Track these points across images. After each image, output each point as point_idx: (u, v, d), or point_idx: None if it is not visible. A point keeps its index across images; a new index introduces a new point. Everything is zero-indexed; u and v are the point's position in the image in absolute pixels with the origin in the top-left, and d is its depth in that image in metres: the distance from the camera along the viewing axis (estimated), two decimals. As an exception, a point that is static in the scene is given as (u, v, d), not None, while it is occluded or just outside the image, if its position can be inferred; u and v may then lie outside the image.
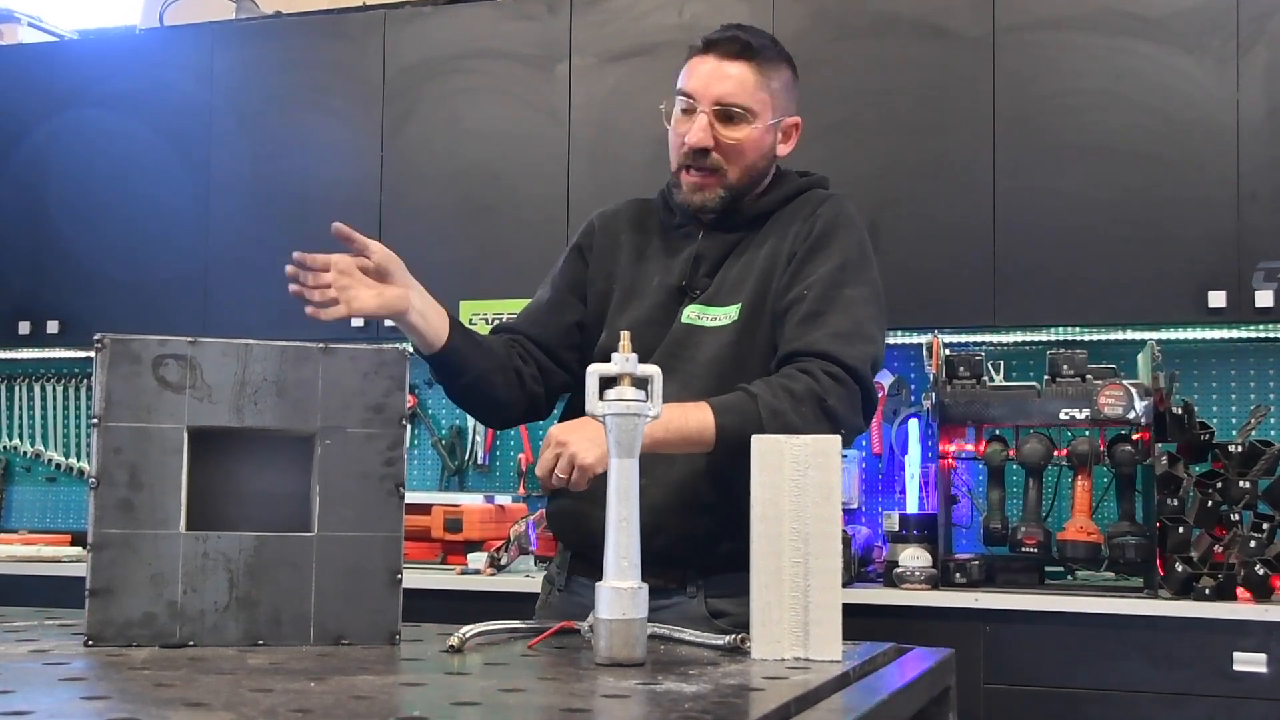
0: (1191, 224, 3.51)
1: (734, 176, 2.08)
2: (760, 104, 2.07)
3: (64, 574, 3.97)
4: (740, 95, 2.05)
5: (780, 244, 2.08)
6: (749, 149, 2.07)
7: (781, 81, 2.11)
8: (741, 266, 2.09)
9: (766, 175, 2.13)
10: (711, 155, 2.06)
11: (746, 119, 2.05)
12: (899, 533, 3.50)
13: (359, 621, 1.76)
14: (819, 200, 2.12)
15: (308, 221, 4.21)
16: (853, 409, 1.96)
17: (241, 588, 1.73)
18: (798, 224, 2.08)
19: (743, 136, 2.06)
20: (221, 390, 1.75)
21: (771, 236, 2.10)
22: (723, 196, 2.09)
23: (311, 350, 1.79)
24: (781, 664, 1.57)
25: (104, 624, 1.68)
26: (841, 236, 2.06)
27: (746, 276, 2.07)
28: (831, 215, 2.08)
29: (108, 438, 1.71)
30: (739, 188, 2.09)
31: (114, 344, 1.72)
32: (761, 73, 2.07)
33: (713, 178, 2.08)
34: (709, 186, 2.08)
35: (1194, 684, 3.11)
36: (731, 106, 2.05)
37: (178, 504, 1.72)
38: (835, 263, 2.02)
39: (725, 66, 2.07)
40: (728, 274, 2.09)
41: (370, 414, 1.79)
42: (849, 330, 1.98)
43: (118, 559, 1.69)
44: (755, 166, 2.09)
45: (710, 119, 2.05)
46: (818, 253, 2.04)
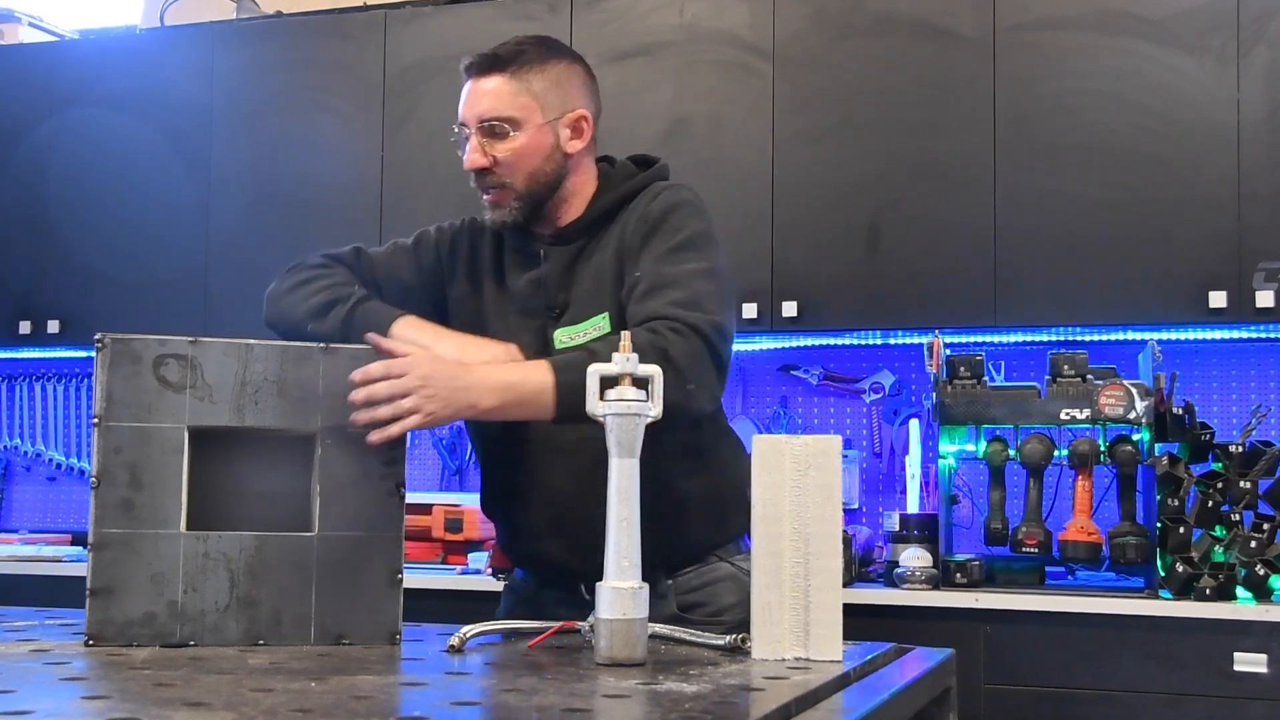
0: (1192, 224, 3.51)
1: (521, 185, 2.06)
2: (523, 109, 2.05)
3: (64, 574, 3.97)
4: (498, 108, 2.04)
5: (620, 242, 2.06)
6: (525, 156, 2.05)
7: (548, 81, 2.07)
8: (594, 275, 2.07)
9: (560, 176, 2.09)
10: (492, 173, 2.06)
11: (511, 129, 2.04)
12: (899, 533, 3.50)
13: (359, 621, 1.76)
14: (657, 191, 2.10)
15: (308, 221, 4.21)
16: (698, 363, 1.89)
17: (242, 587, 1.73)
18: (634, 219, 2.06)
19: (514, 147, 2.05)
20: (222, 390, 1.75)
21: (614, 237, 2.08)
22: (517, 208, 2.07)
23: (312, 350, 1.79)
24: (782, 664, 1.57)
25: (104, 623, 1.68)
26: (675, 219, 2.03)
27: (601, 284, 2.05)
28: (666, 202, 2.06)
29: (108, 437, 1.71)
30: (531, 194, 2.07)
31: (114, 343, 1.72)
32: (517, 79, 2.05)
33: (503, 193, 2.07)
34: (503, 202, 2.07)
35: (1194, 684, 3.11)
36: (492, 121, 2.04)
37: (178, 504, 1.72)
38: (671, 243, 2.00)
39: (481, 85, 2.06)
40: (583, 285, 2.07)
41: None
42: (687, 299, 1.93)
43: (118, 559, 1.70)
44: (541, 170, 2.07)
45: (479, 140, 2.05)
46: (652, 237, 2.02)
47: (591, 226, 2.11)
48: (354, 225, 4.17)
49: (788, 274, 3.78)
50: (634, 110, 3.96)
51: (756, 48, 3.87)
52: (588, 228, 2.11)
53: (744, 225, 3.82)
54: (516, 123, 2.05)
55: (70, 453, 4.79)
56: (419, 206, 4.12)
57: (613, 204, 2.11)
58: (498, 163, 2.06)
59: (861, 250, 3.74)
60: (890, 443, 4.05)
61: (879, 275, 3.73)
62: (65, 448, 4.79)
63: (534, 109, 2.06)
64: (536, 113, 2.06)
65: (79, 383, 4.80)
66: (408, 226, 4.06)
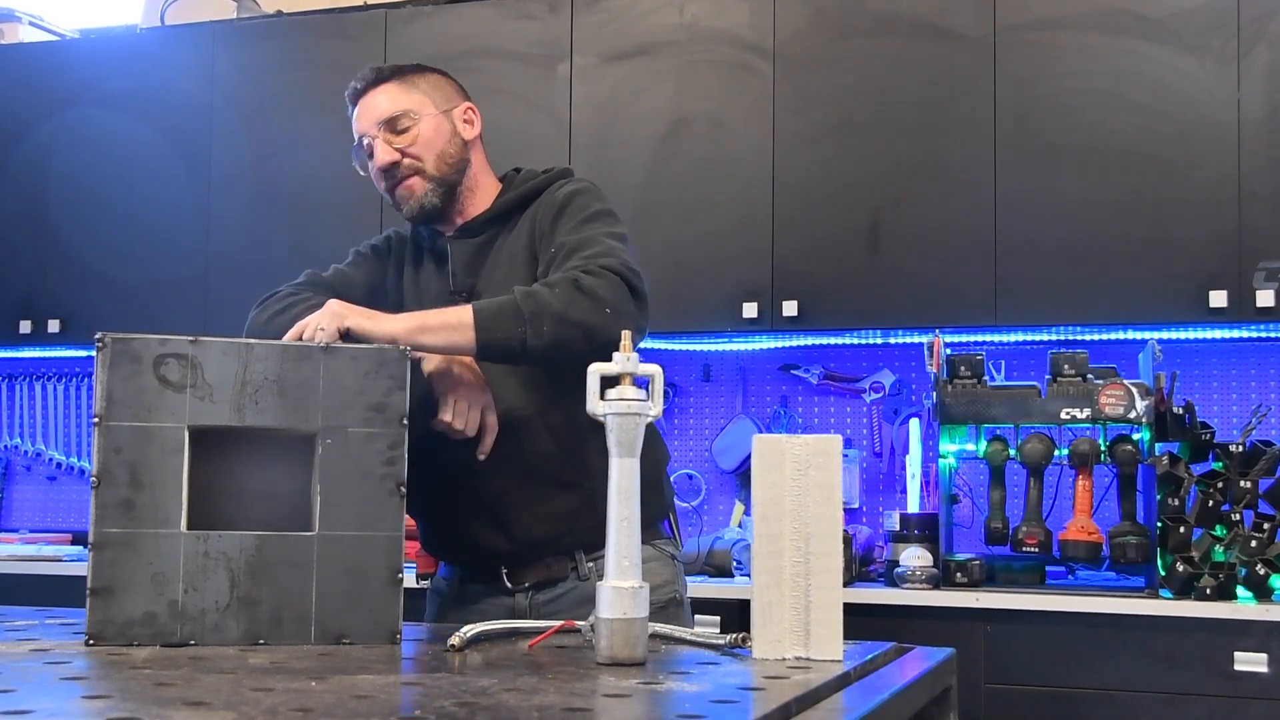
0: (1192, 224, 3.51)
1: (432, 167, 2.20)
2: (417, 103, 2.21)
3: (64, 573, 3.97)
4: (394, 106, 2.20)
5: (532, 229, 2.18)
6: (429, 140, 2.20)
7: (428, 83, 2.24)
8: (504, 264, 2.19)
9: (463, 160, 2.24)
10: (403, 163, 2.20)
11: (409, 119, 2.19)
12: (900, 532, 3.50)
13: (360, 621, 1.76)
14: (561, 184, 2.23)
15: (309, 221, 4.21)
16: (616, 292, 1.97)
17: (242, 587, 1.73)
18: (541, 210, 2.19)
19: (417, 134, 2.19)
20: (222, 389, 1.75)
21: (524, 229, 2.20)
22: (433, 189, 2.21)
23: (312, 350, 1.79)
24: (782, 663, 1.57)
25: (105, 623, 1.68)
26: (581, 200, 2.16)
27: (514, 270, 2.16)
28: (572, 188, 2.19)
29: (109, 437, 1.71)
30: (443, 177, 2.21)
31: (115, 343, 1.72)
32: (402, 84, 2.22)
33: (416, 180, 2.20)
34: (417, 188, 2.21)
35: (1195, 684, 3.11)
36: (393, 117, 2.19)
37: (179, 503, 1.72)
38: (580, 217, 2.13)
39: (372, 96, 2.22)
40: (492, 274, 2.19)
41: (371, 413, 1.79)
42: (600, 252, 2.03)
43: (119, 558, 1.69)
44: (447, 153, 2.21)
45: (383, 139, 2.19)
46: (560, 218, 2.15)
47: (497, 219, 2.24)
48: (354, 224, 4.17)
49: (788, 273, 3.78)
50: (634, 110, 3.96)
51: (757, 47, 3.87)
52: (493, 220, 2.24)
53: (744, 225, 3.83)
54: (414, 114, 2.20)
55: (70, 452, 4.79)
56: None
57: (518, 199, 2.25)
58: (405, 153, 2.20)
59: (862, 250, 3.74)
60: (890, 442, 4.05)
61: (879, 275, 3.73)
62: (65, 447, 4.80)
63: (426, 102, 2.22)
64: (427, 104, 2.22)
65: (79, 382, 4.80)
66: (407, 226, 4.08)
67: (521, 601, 2.14)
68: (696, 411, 4.27)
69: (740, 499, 4.15)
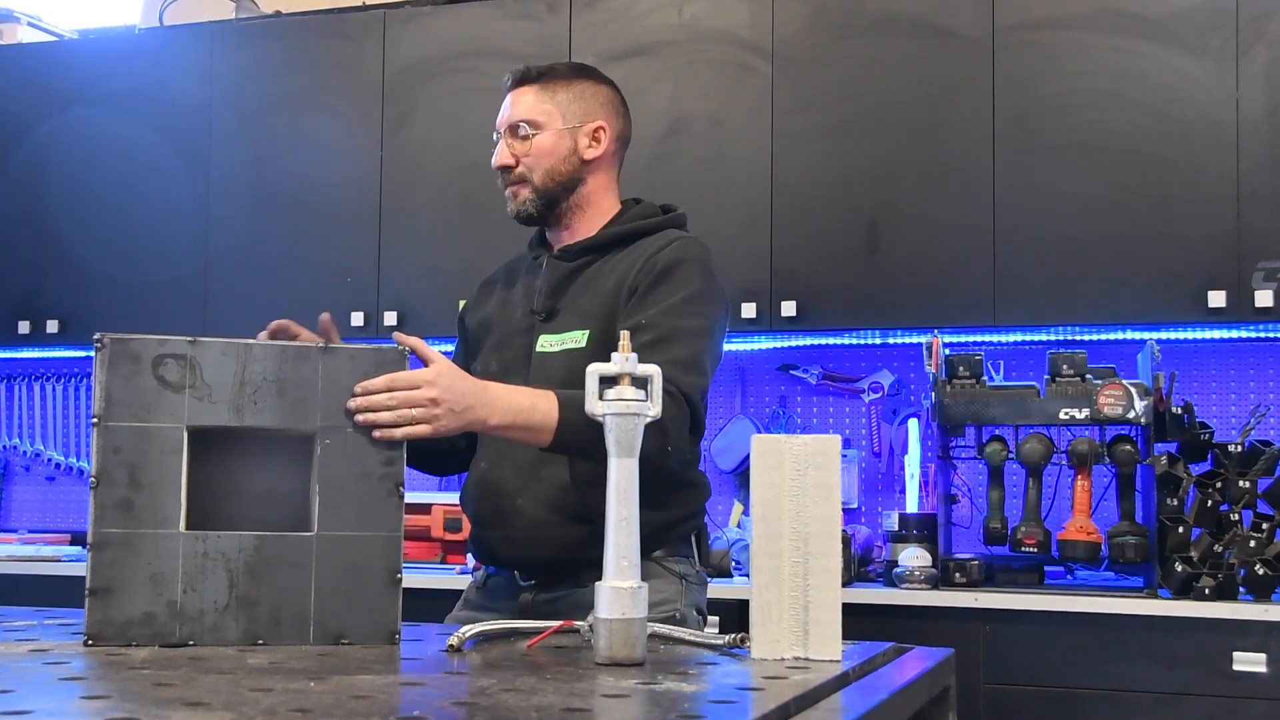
0: (1191, 224, 3.51)
1: (539, 180, 2.27)
2: (545, 115, 2.27)
3: (63, 573, 3.97)
4: (524, 113, 2.27)
5: (625, 276, 2.21)
6: (543, 154, 2.26)
7: (571, 93, 2.30)
8: (589, 295, 2.23)
9: (575, 179, 2.29)
10: (515, 170, 2.27)
11: (532, 130, 2.26)
12: (899, 532, 3.50)
13: (359, 621, 1.76)
14: (670, 239, 2.26)
15: (308, 221, 4.21)
16: (682, 430, 2.09)
17: (241, 587, 1.73)
18: (644, 259, 2.21)
19: (532, 145, 2.26)
20: (221, 390, 1.75)
21: (619, 268, 2.24)
22: (533, 199, 2.27)
23: (311, 350, 1.79)
24: (781, 663, 1.57)
25: (104, 623, 1.68)
26: (684, 272, 2.18)
27: (594, 304, 2.22)
28: (677, 253, 2.21)
29: (107, 437, 1.71)
30: (546, 191, 2.27)
31: (113, 343, 1.72)
32: (544, 89, 2.28)
33: (521, 187, 2.27)
34: (519, 195, 2.28)
35: (1194, 684, 3.11)
36: (518, 124, 2.27)
37: (177, 503, 1.72)
38: (679, 296, 2.15)
39: (513, 96, 2.30)
40: (575, 300, 2.25)
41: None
42: (687, 359, 2.11)
43: (117, 559, 1.69)
44: (558, 170, 2.27)
45: (506, 141, 2.28)
46: (660, 285, 2.17)
47: (598, 249, 2.29)
48: (353, 225, 4.18)
49: (787, 273, 3.78)
50: (633, 110, 3.93)
51: (756, 47, 3.87)
52: (594, 249, 2.29)
53: (743, 225, 3.83)
54: (537, 125, 2.26)
55: (69, 452, 4.79)
56: (418, 206, 4.13)
57: (623, 234, 2.29)
58: (519, 160, 2.27)
59: (861, 250, 3.74)
60: (889, 442, 4.05)
61: (878, 275, 3.73)
62: (64, 448, 4.79)
63: (555, 115, 2.28)
64: (557, 118, 2.28)
65: (78, 383, 4.80)
66: (407, 226, 4.09)
67: (527, 599, 2.23)
68: (695, 411, 4.27)
69: (739, 499, 4.15)
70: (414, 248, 4.10)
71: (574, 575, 2.18)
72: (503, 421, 1.96)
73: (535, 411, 1.99)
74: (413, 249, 4.10)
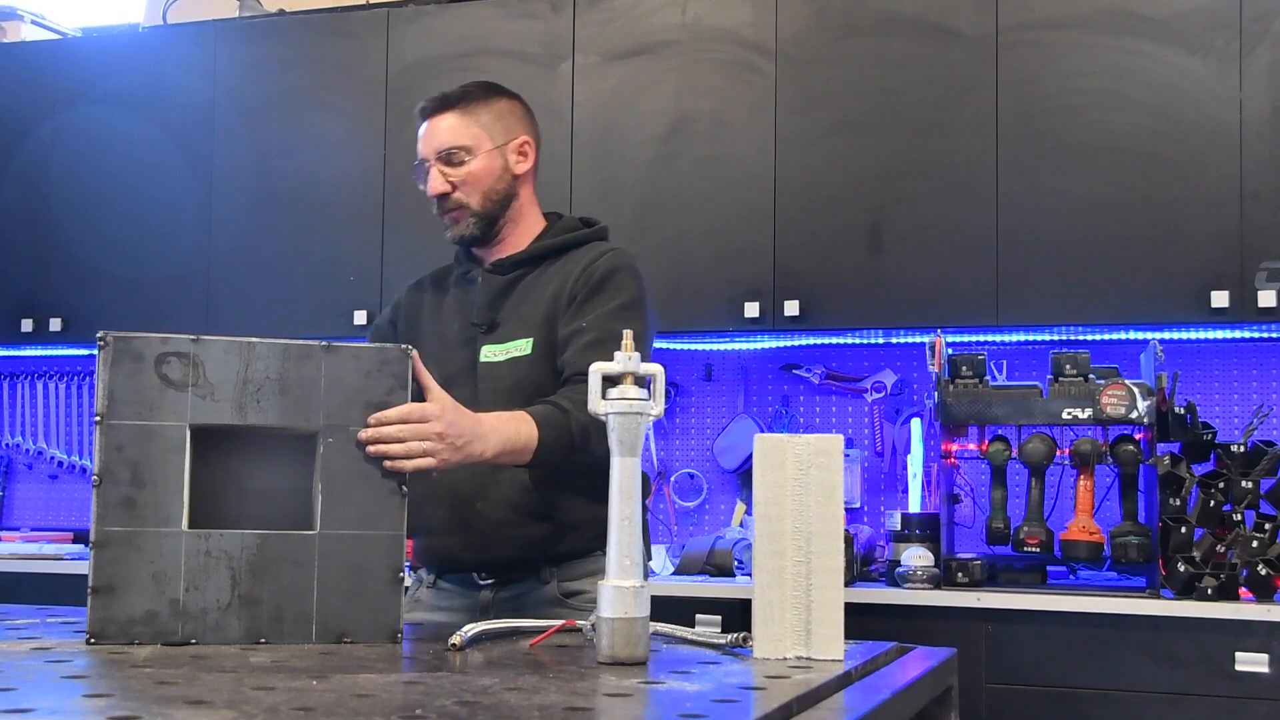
0: (1194, 224, 3.51)
1: (477, 204, 2.33)
2: (473, 138, 2.32)
3: (65, 571, 3.97)
4: (453, 139, 2.31)
5: (563, 286, 2.29)
6: (478, 177, 2.32)
7: (492, 113, 2.35)
8: (529, 304, 2.31)
9: (510, 195, 2.35)
10: (452, 196, 2.32)
11: (465, 155, 2.31)
12: (901, 532, 3.50)
13: (361, 619, 1.76)
14: (601, 251, 2.34)
15: (311, 219, 4.22)
16: None
17: (244, 586, 1.73)
18: (579, 270, 2.29)
19: (468, 170, 2.31)
20: (224, 388, 1.75)
21: (555, 279, 2.31)
22: (474, 223, 2.33)
23: (314, 348, 1.79)
24: (783, 663, 1.57)
25: (106, 621, 1.68)
26: (620, 280, 2.28)
27: (534, 313, 2.29)
28: (612, 262, 2.30)
29: (110, 435, 1.71)
30: (486, 212, 2.34)
31: (116, 341, 1.72)
32: (466, 114, 2.33)
33: (460, 212, 2.33)
34: (460, 220, 2.34)
35: (1196, 684, 3.11)
36: (449, 150, 2.31)
37: (180, 502, 1.72)
38: (616, 302, 2.25)
39: (434, 123, 2.33)
40: (515, 311, 2.32)
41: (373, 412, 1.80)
42: None
43: (120, 557, 1.70)
44: (494, 190, 2.34)
45: (438, 169, 2.32)
46: (598, 293, 2.26)
47: (528, 262, 2.36)
48: (356, 223, 4.18)
49: (790, 273, 3.78)
50: (636, 109, 3.96)
51: (759, 47, 3.87)
52: (525, 263, 2.36)
53: (746, 224, 3.83)
54: (469, 150, 2.31)
55: (72, 451, 4.79)
56: (421, 204, 4.08)
57: (555, 247, 2.37)
58: (455, 187, 2.32)
59: (864, 249, 3.74)
60: (892, 442, 4.05)
61: (881, 274, 3.73)
62: (67, 446, 4.80)
63: (483, 137, 2.33)
64: (485, 140, 2.33)
65: (81, 381, 4.80)
66: (410, 224, 4.09)
67: (486, 596, 2.27)
68: (698, 411, 4.27)
69: (742, 498, 4.15)
70: (417, 246, 4.10)
71: (535, 572, 2.26)
72: (496, 452, 2.01)
73: (520, 436, 2.05)
74: (416, 248, 4.10)
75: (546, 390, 2.21)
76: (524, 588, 2.26)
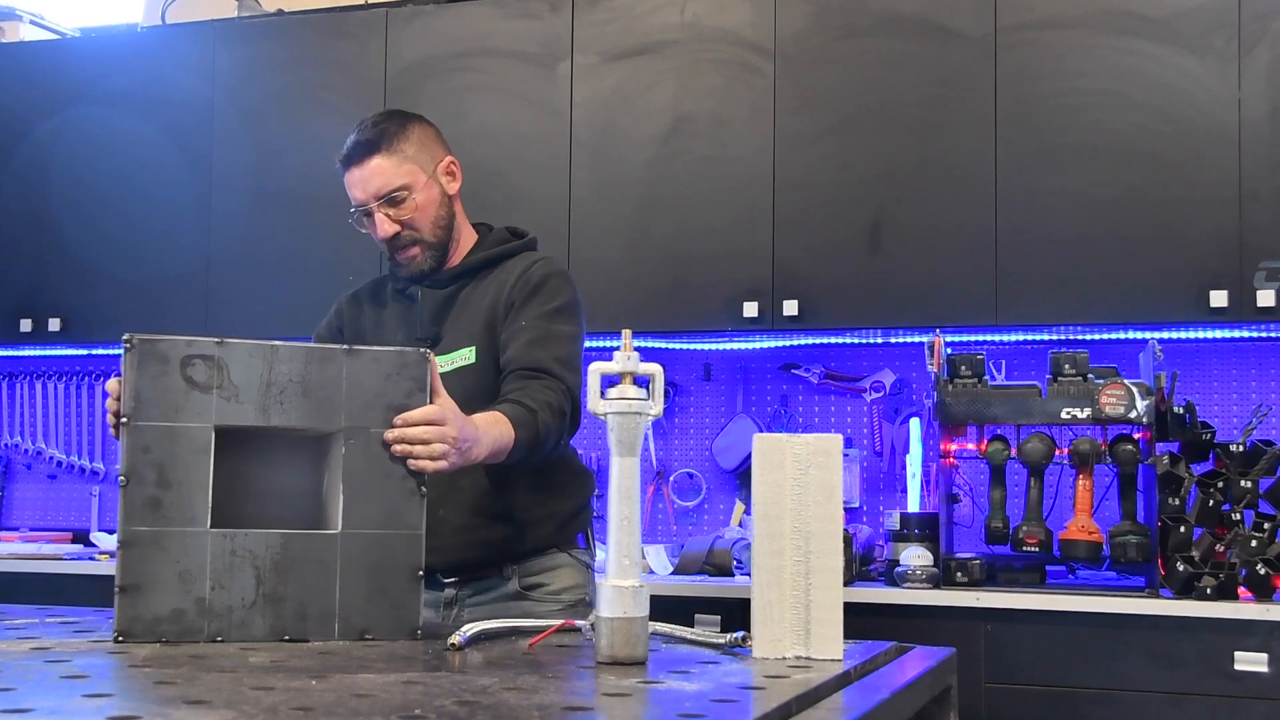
0: (1193, 223, 3.51)
1: (429, 235, 2.39)
2: (408, 174, 2.36)
3: (64, 571, 3.97)
4: (390, 181, 2.35)
5: (499, 294, 2.38)
6: (425, 210, 2.38)
7: (414, 144, 2.39)
8: (469, 315, 2.39)
9: (454, 216, 2.43)
10: (402, 235, 2.37)
11: (405, 193, 2.35)
12: (900, 532, 3.50)
13: (382, 616, 1.81)
14: (534, 259, 2.44)
15: (310, 219, 4.21)
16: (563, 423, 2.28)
17: (268, 584, 1.76)
18: (514, 279, 2.38)
19: (414, 207, 2.36)
20: (248, 390, 1.79)
21: (491, 289, 2.40)
22: (432, 254, 2.40)
23: (335, 352, 1.84)
24: (782, 662, 1.57)
25: (134, 620, 1.71)
26: (553, 285, 2.37)
27: (474, 323, 2.37)
28: (545, 269, 2.40)
29: (136, 437, 1.74)
30: (439, 241, 2.41)
31: (142, 344, 1.75)
32: (393, 152, 2.36)
33: (415, 249, 2.39)
34: (417, 257, 2.39)
35: (1195, 684, 3.11)
36: (390, 194, 2.35)
37: (205, 502, 1.75)
38: (552, 305, 2.35)
39: (365, 168, 2.37)
40: (455, 323, 2.39)
41: (393, 414, 1.84)
42: (565, 358, 2.31)
43: (146, 556, 1.72)
44: (440, 217, 2.40)
45: (381, 212, 2.36)
46: (534, 297, 2.35)
47: (467, 274, 2.43)
48: (355, 224, 4.17)
49: (789, 273, 3.78)
50: (635, 109, 3.96)
51: (758, 47, 3.87)
52: (461, 275, 2.43)
53: (745, 224, 3.83)
54: (408, 187, 2.36)
55: (71, 451, 4.79)
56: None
57: (489, 259, 2.44)
58: (405, 225, 2.37)
59: (863, 249, 3.74)
60: (891, 442, 4.05)
61: (880, 274, 3.73)
62: (66, 446, 4.79)
63: (416, 171, 2.38)
64: (418, 172, 2.38)
65: (80, 381, 4.79)
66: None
67: (451, 593, 2.36)
68: (697, 411, 4.27)
69: (741, 498, 4.15)
70: (416, 246, 4.10)
71: (498, 569, 2.35)
72: (487, 454, 2.07)
73: (502, 438, 2.10)
74: (414, 248, 4.10)
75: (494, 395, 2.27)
76: (486, 584, 2.36)
